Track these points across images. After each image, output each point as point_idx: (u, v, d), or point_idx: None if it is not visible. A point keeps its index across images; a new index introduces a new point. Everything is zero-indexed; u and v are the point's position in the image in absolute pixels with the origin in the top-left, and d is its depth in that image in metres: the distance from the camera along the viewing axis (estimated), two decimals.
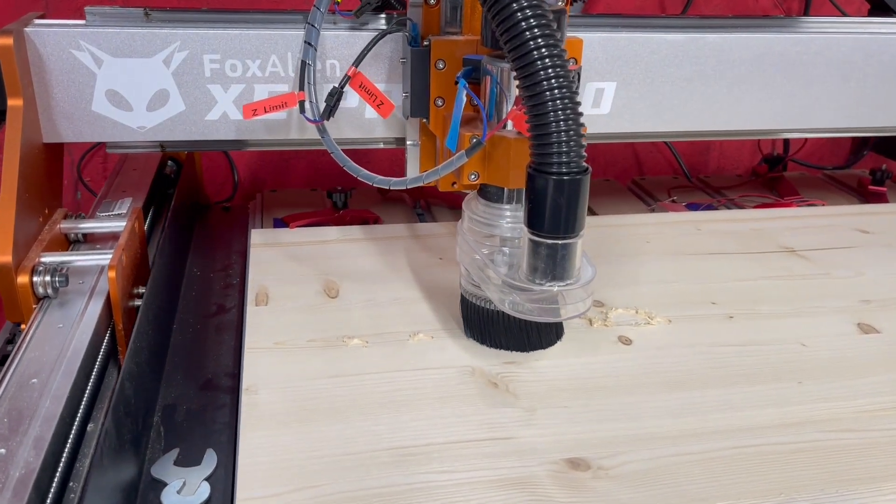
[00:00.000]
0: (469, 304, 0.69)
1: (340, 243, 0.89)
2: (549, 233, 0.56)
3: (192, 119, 0.76)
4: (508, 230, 0.65)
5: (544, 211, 0.55)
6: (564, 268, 0.57)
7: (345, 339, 0.70)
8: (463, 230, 0.67)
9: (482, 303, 0.67)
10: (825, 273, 0.86)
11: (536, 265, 0.58)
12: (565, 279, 0.58)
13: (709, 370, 0.68)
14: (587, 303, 0.60)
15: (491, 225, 0.65)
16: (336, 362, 0.67)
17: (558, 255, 0.57)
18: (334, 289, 0.79)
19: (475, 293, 0.67)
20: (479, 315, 0.68)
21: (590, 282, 0.60)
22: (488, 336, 0.69)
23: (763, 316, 0.77)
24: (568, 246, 0.57)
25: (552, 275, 0.57)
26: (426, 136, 0.71)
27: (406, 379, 0.65)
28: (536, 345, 0.69)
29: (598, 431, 0.60)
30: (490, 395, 0.64)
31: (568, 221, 0.56)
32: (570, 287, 0.58)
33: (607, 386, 0.65)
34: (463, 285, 0.69)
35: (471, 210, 0.66)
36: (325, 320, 0.73)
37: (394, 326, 0.73)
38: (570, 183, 0.55)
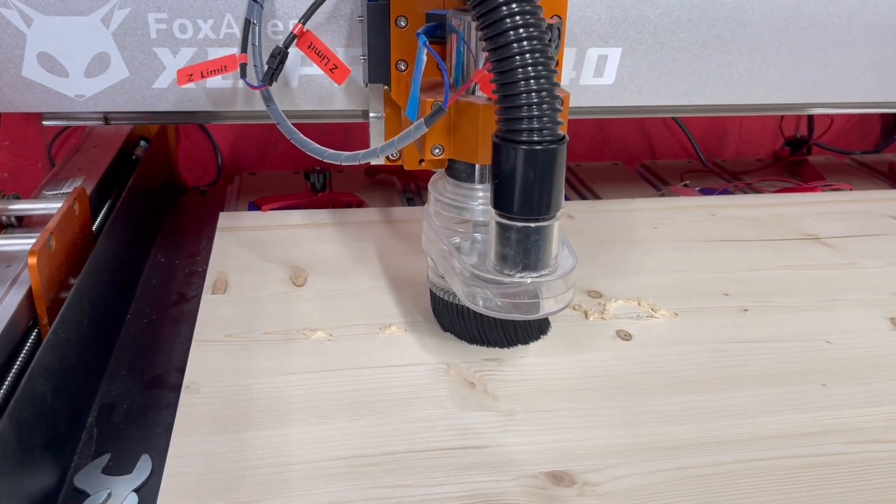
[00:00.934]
0: (438, 299, 0.61)
1: (311, 228, 0.81)
2: (519, 214, 0.48)
3: (138, 87, 0.68)
4: (481, 214, 0.56)
5: (513, 188, 0.47)
6: (539, 256, 0.49)
7: (306, 332, 0.63)
8: (429, 215, 0.59)
9: (451, 297, 0.59)
10: (852, 263, 0.77)
11: (506, 253, 0.49)
12: (539, 269, 0.50)
13: (718, 370, 0.59)
14: (567, 297, 0.52)
15: (460, 208, 0.57)
16: (293, 358, 0.59)
17: (530, 241, 0.48)
18: (301, 277, 0.71)
19: (443, 286, 0.59)
20: (449, 310, 0.60)
21: (569, 272, 0.52)
22: (463, 332, 0.61)
23: (781, 309, 0.68)
24: (542, 230, 0.48)
25: (524, 264, 0.49)
26: (391, 107, 0.63)
27: (371, 377, 0.57)
28: (515, 340, 0.60)
29: (586, 440, 0.52)
30: (465, 396, 0.56)
31: (542, 200, 0.47)
32: (544, 278, 0.50)
33: (601, 387, 0.57)
34: (430, 277, 0.61)
35: (437, 191, 0.58)
36: (287, 311, 0.66)
37: (364, 318, 0.65)
38: (544, 154, 0.46)
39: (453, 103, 0.53)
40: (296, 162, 1.16)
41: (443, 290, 0.60)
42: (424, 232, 0.60)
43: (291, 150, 1.23)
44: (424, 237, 0.60)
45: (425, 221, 0.59)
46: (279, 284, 0.70)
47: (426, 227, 0.59)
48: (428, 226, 0.59)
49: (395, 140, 0.52)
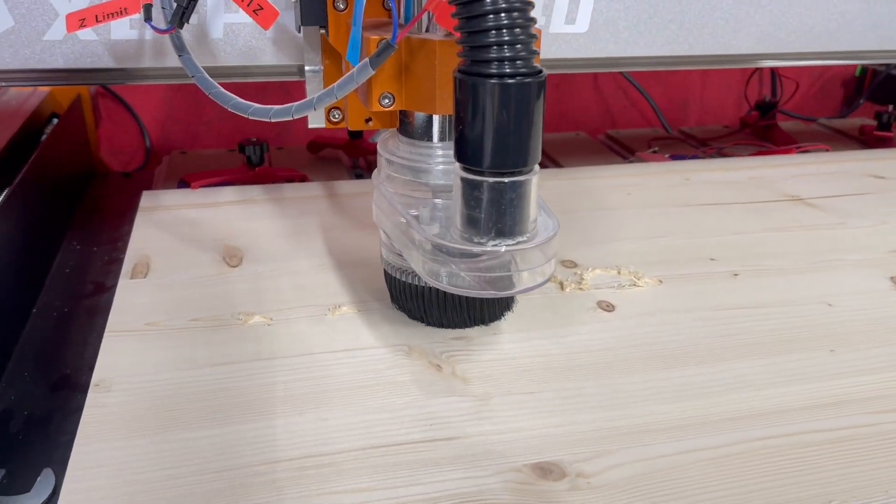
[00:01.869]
0: (393, 280, 0.53)
1: (246, 205, 0.72)
2: (490, 167, 0.39)
3: (25, 39, 0.58)
4: (442, 175, 0.48)
5: (481, 135, 0.39)
6: (514, 219, 0.41)
7: (241, 317, 0.54)
8: (380, 181, 0.51)
9: (408, 276, 0.51)
10: (841, 223, 0.71)
11: (474, 217, 0.41)
12: (515, 235, 0.42)
13: (713, 340, 0.52)
14: (548, 269, 0.44)
15: (417, 170, 0.48)
16: (225, 346, 0.51)
17: (504, 201, 0.40)
18: (236, 257, 0.63)
19: (398, 264, 0.51)
20: (405, 291, 0.52)
21: (551, 238, 0.44)
22: (422, 313, 0.52)
23: (774, 272, 0.62)
24: (518, 186, 0.40)
25: (497, 229, 0.41)
26: (330, 58, 0.54)
27: (319, 364, 0.49)
28: (479, 320, 0.53)
29: (574, 424, 0.44)
30: (431, 380, 0.48)
31: (517, 148, 0.39)
32: (521, 246, 0.42)
33: (585, 364, 0.49)
34: (384, 255, 0.53)
35: (388, 152, 0.50)
36: (219, 294, 0.57)
37: (310, 299, 0.56)
38: (519, 89, 0.38)
39: (404, 40, 0.45)
40: (232, 139, 1.06)
41: (398, 268, 0.51)
42: (375, 202, 0.51)
43: (227, 126, 1.13)
44: (375, 208, 0.51)
45: (376, 190, 0.51)
46: (210, 266, 0.61)
47: (377, 195, 0.51)
48: (379, 194, 0.51)
49: (334, 87, 0.43)
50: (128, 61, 0.60)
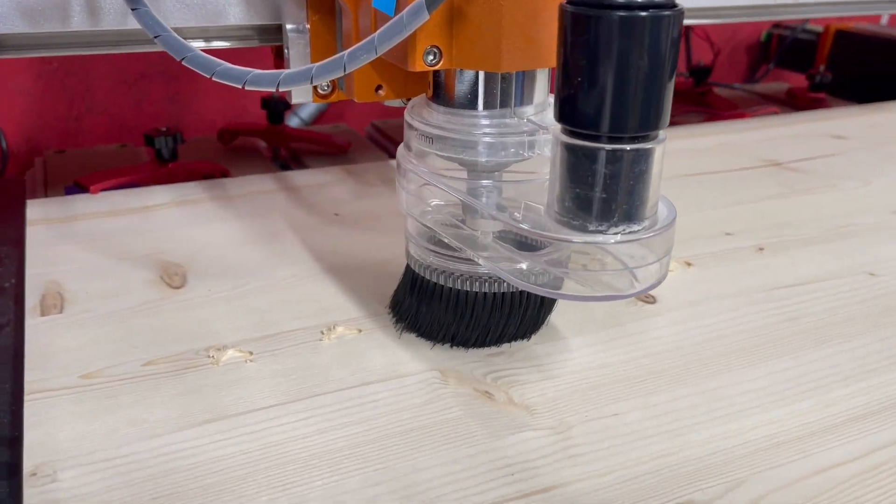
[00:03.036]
0: (426, 286, 0.41)
1: (176, 207, 0.58)
2: (613, 129, 0.30)
3: None
4: (487, 153, 0.37)
5: (604, 87, 0.29)
6: (643, 196, 0.31)
7: (212, 354, 0.41)
8: (407, 160, 0.40)
9: (458, 282, 0.40)
10: (831, 185, 0.67)
11: (587, 196, 0.31)
12: (640, 218, 0.32)
13: (781, 325, 0.45)
14: (667, 262, 0.35)
15: (459, 145, 0.37)
16: (201, 397, 0.38)
17: (634, 173, 0.31)
18: (178, 275, 0.49)
19: (443, 266, 0.40)
20: (443, 300, 0.41)
21: (671, 224, 0.34)
22: (453, 329, 0.41)
23: (797, 243, 0.56)
24: (648, 155, 0.31)
25: (621, 211, 0.31)
26: (320, 14, 0.42)
27: (335, 409, 0.37)
28: (525, 332, 0.43)
29: (685, 449, 0.35)
30: (487, 414, 0.37)
31: (648, 105, 0.30)
32: (647, 234, 0.33)
33: (659, 370, 0.41)
34: (414, 253, 0.41)
35: (423, 121, 0.38)
36: (169, 326, 0.44)
37: (293, 321, 0.44)
38: (654, 24, 0.29)
39: None
40: (121, 131, 0.89)
41: (445, 272, 0.40)
42: (402, 186, 0.40)
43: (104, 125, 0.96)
44: (404, 193, 0.40)
45: (401, 170, 0.40)
46: (147, 289, 0.47)
47: (404, 179, 0.40)
48: (408, 177, 0.39)
49: (373, 40, 0.31)
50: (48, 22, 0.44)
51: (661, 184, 0.33)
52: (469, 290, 0.39)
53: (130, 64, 0.89)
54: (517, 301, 0.40)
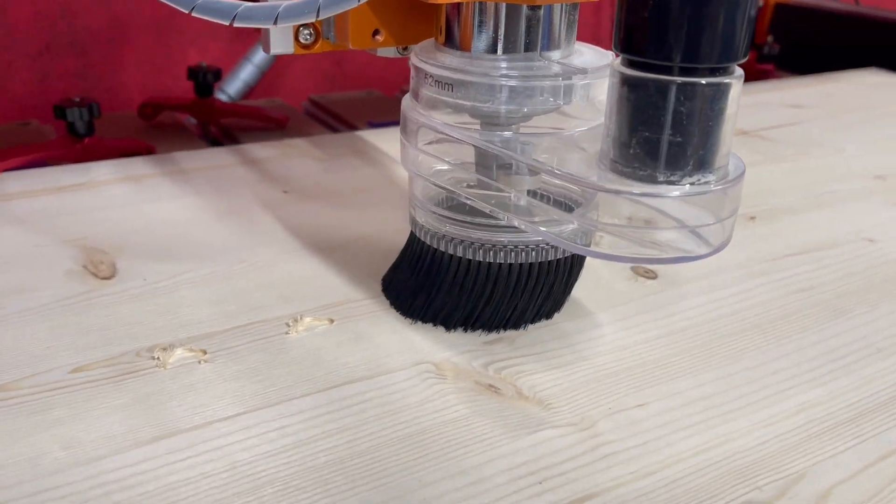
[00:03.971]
0: (438, 259, 0.35)
1: (101, 186, 0.50)
2: (687, 59, 0.25)
3: None
4: (515, 100, 0.31)
5: (681, 7, 0.24)
6: (718, 141, 0.27)
7: (156, 355, 0.34)
8: (416, 111, 0.34)
9: (480, 253, 0.34)
10: (804, 153, 0.64)
11: (657, 141, 0.26)
12: (713, 167, 0.27)
13: (795, 297, 0.41)
14: (732, 221, 0.30)
15: (484, 91, 0.31)
16: (148, 408, 0.31)
17: (712, 112, 0.26)
18: (105, 263, 0.42)
19: (461, 235, 0.34)
20: (459, 275, 0.35)
21: (741, 177, 0.30)
22: (460, 308, 0.36)
23: (787, 212, 0.52)
24: (726, 91, 0.26)
25: (697, 158, 0.27)
26: None
27: (317, 413, 0.31)
28: (547, 311, 0.38)
29: (729, 440, 0.31)
30: (496, 411, 0.32)
31: (732, 29, 0.25)
32: (722, 184, 0.28)
33: (679, 352, 0.36)
34: (424, 221, 0.35)
35: (440, 64, 0.32)
36: (103, 324, 0.36)
37: (249, 313, 0.38)
38: None
39: None
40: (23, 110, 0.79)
41: (452, 240, 0.34)
42: (407, 141, 0.34)
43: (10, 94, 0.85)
44: (410, 149, 0.34)
45: (413, 122, 0.34)
46: (70, 282, 0.40)
47: (414, 136, 0.34)
48: (425, 130, 0.34)
49: None
50: None
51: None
52: (492, 261, 0.34)
53: (34, 34, 0.79)
54: (544, 272, 0.35)
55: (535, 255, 0.34)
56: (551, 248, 0.35)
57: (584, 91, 0.32)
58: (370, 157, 0.58)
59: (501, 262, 0.34)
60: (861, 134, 0.69)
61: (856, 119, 0.74)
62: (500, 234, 0.34)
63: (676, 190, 0.28)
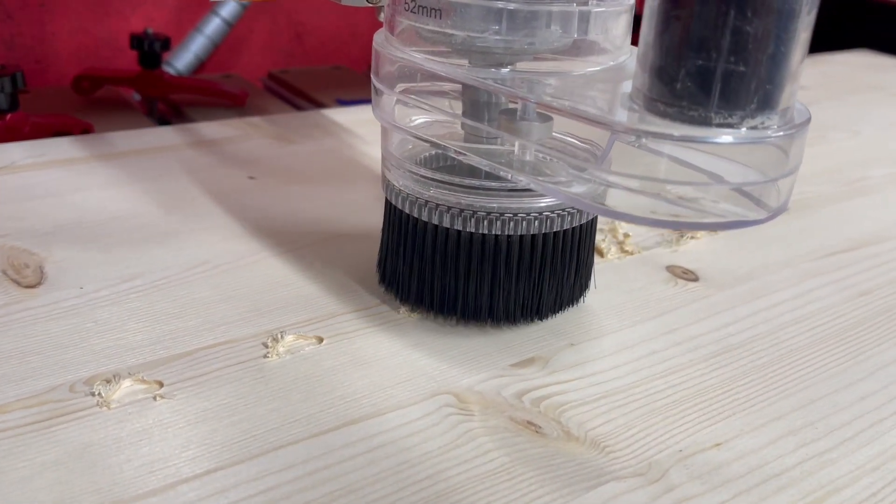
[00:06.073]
0: (420, 231, 0.29)
1: (26, 172, 0.42)
2: None
3: None
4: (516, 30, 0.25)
5: None
6: (788, 70, 0.20)
7: (96, 389, 0.26)
8: (392, 47, 0.27)
9: (472, 223, 0.27)
10: (820, 136, 0.59)
11: (710, 69, 0.20)
12: (780, 106, 0.21)
13: (861, 298, 0.36)
14: (791, 180, 0.24)
15: (479, 17, 0.25)
16: (88, 466, 0.23)
17: (785, 35, 0.20)
18: (30, 268, 0.33)
19: (450, 201, 0.27)
20: (447, 251, 0.28)
21: (807, 121, 0.23)
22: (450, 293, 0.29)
23: (817, 202, 0.47)
24: (801, 4, 0.20)
25: (760, 94, 0.20)
26: None
27: (313, 468, 0.24)
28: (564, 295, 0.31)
29: (837, 490, 0.24)
30: (544, 458, 0.25)
31: None
32: (791, 128, 0.21)
33: (741, 373, 0.30)
34: (402, 186, 0.29)
35: None
36: (23, 348, 0.28)
37: (213, 330, 0.30)
38: None
39: None
40: None
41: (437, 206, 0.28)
42: (384, 88, 0.27)
43: None
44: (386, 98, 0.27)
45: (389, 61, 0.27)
46: None
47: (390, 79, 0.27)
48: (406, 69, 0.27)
49: None
50: None
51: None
52: (487, 232, 0.28)
53: None
54: (557, 243, 0.29)
55: (539, 225, 0.28)
56: (558, 217, 0.28)
57: (601, 21, 0.26)
58: (341, 138, 0.51)
59: (497, 233, 0.28)
60: (874, 117, 0.64)
61: (863, 101, 0.69)
62: (490, 200, 0.28)
63: (729, 134, 0.21)
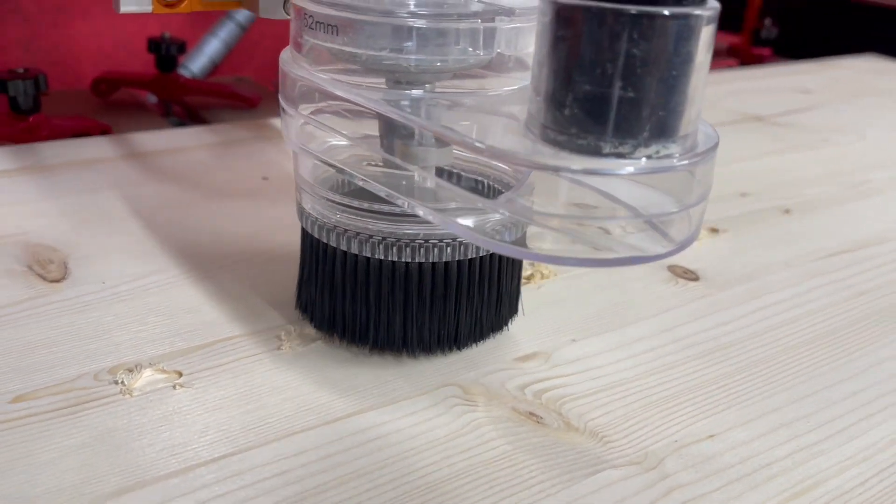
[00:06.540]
0: (334, 256, 0.28)
1: (49, 171, 0.43)
2: None
3: None
4: (419, 48, 0.24)
5: None
6: (684, 96, 0.20)
7: (119, 378, 0.28)
8: (298, 66, 0.27)
9: (380, 249, 0.27)
10: (824, 139, 0.60)
11: (603, 97, 0.19)
12: (678, 133, 0.20)
13: (858, 298, 0.37)
14: (702, 209, 0.23)
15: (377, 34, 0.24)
16: (112, 449, 0.25)
17: (677, 58, 0.19)
18: (56, 264, 0.35)
19: (354, 226, 0.27)
20: (357, 278, 0.28)
21: (713, 150, 0.22)
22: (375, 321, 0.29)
23: (823, 203, 0.48)
24: (695, 28, 0.19)
25: (653, 122, 0.20)
26: None
27: (327, 452, 0.25)
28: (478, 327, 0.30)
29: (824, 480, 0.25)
30: (545, 446, 0.26)
31: None
32: (690, 157, 0.21)
33: (736, 368, 0.31)
34: (311, 210, 0.28)
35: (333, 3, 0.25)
36: (51, 339, 0.30)
37: (232, 323, 0.31)
38: None
39: None
40: None
41: (345, 232, 0.27)
42: (291, 110, 0.27)
43: None
44: (292, 120, 0.28)
45: (293, 81, 0.27)
46: (11, 286, 0.33)
47: (296, 100, 0.27)
48: (309, 90, 0.27)
49: None
50: None
51: None
52: (397, 259, 0.27)
53: None
54: (473, 271, 0.28)
55: (452, 252, 0.27)
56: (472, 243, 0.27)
57: (511, 38, 0.25)
58: None
59: (408, 260, 0.27)
60: (879, 121, 0.65)
61: (868, 105, 0.70)
62: (403, 225, 0.27)
63: (630, 165, 0.20)
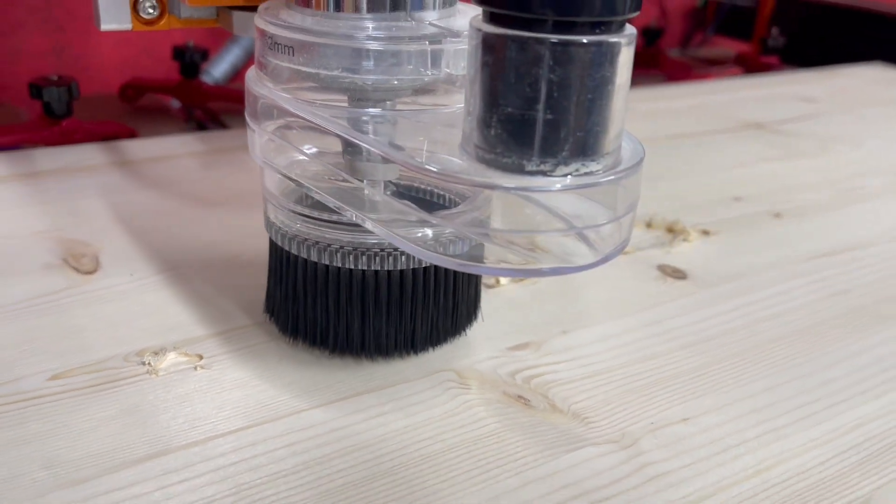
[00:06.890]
0: (296, 264, 0.30)
1: (81, 172, 0.47)
2: (564, 10, 0.20)
3: None
4: (375, 67, 0.26)
5: None
6: (603, 120, 0.22)
7: (146, 360, 0.31)
8: (262, 85, 0.28)
9: (338, 258, 0.29)
10: (824, 148, 0.62)
11: (524, 119, 0.21)
12: (599, 153, 0.22)
13: (838, 297, 0.39)
14: (630, 220, 0.25)
15: (333, 55, 0.26)
16: (139, 421, 0.27)
17: (593, 82, 0.21)
18: (87, 257, 0.38)
19: (315, 236, 0.29)
20: (318, 285, 0.30)
21: (638, 166, 0.24)
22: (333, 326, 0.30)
23: (815, 209, 0.50)
24: (611, 53, 0.21)
25: (571, 142, 0.22)
26: None
27: (332, 427, 0.28)
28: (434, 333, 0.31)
29: (787, 458, 0.28)
30: (531, 426, 0.29)
31: None
32: (610, 175, 0.23)
33: (716, 360, 0.33)
34: (275, 220, 0.30)
35: (284, 23, 0.27)
36: (83, 325, 0.33)
37: (249, 312, 0.34)
38: None
39: None
40: None
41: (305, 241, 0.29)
42: (256, 125, 0.29)
43: None
44: (257, 135, 0.29)
45: (256, 98, 0.28)
46: (48, 277, 0.36)
47: (260, 116, 0.29)
48: (272, 108, 0.28)
49: None
50: None
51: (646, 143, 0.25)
52: (354, 267, 0.28)
53: (3, 9, 0.74)
54: (429, 278, 0.30)
55: (407, 260, 0.28)
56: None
57: (458, 59, 0.26)
58: None
59: (365, 268, 0.28)
60: (880, 130, 0.67)
61: (872, 115, 0.71)
62: (364, 235, 0.28)
63: (557, 182, 0.22)
